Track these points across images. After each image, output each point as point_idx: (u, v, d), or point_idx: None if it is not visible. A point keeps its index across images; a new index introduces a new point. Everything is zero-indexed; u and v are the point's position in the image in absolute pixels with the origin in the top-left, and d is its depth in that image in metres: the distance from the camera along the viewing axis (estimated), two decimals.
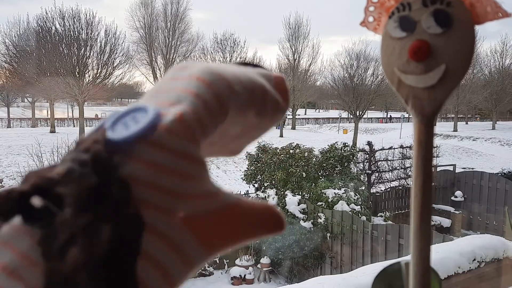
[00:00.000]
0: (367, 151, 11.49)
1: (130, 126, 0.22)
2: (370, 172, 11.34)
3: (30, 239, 0.19)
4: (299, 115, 50.90)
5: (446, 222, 10.53)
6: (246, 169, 10.55)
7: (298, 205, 8.07)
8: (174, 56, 49.55)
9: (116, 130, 0.22)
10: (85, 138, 0.23)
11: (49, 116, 33.96)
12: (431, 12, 0.34)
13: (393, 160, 11.84)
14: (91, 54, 26.03)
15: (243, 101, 0.25)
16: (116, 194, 0.20)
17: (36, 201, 0.20)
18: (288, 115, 41.46)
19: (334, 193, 8.35)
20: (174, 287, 0.21)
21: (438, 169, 11.81)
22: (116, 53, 27.21)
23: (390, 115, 51.86)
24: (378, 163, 11.60)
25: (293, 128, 40.46)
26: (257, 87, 0.26)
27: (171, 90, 0.24)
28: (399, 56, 0.35)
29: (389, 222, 8.92)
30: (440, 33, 0.33)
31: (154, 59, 49.73)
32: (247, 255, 8.03)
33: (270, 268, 8.00)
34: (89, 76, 26.13)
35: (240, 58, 38.14)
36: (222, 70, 0.25)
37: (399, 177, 11.75)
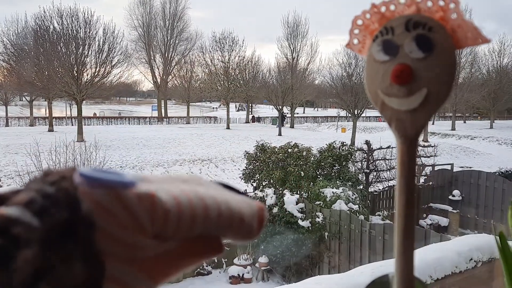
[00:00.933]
0: (365, 150, 11.51)
1: (105, 175, 0.23)
2: (368, 171, 11.36)
3: None
4: (297, 113, 50.91)
5: (443, 221, 10.57)
6: (245, 168, 10.56)
7: (296, 204, 8.08)
8: (173, 54, 49.57)
9: (89, 171, 0.23)
10: (53, 171, 0.24)
11: (47, 115, 33.92)
12: (413, 37, 0.34)
13: (391, 159, 11.85)
14: (90, 52, 26.00)
15: (215, 227, 0.26)
16: (83, 233, 0.21)
17: None
18: (287, 113, 41.50)
19: (332, 192, 8.37)
20: None
21: (436, 168, 11.84)
22: (114, 52, 27.18)
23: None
24: (376, 162, 11.62)
25: (292, 126, 40.48)
26: (235, 217, 0.27)
27: (158, 182, 0.26)
28: (382, 79, 0.35)
29: (387, 221, 8.95)
30: (422, 57, 0.34)
31: (152, 58, 49.78)
32: (245, 254, 8.04)
33: (268, 267, 8.02)
34: (87, 75, 26.10)
35: (239, 57, 38.10)
36: (209, 196, 0.27)
37: None
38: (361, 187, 10.04)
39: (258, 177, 9.91)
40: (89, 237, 0.21)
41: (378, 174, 11.62)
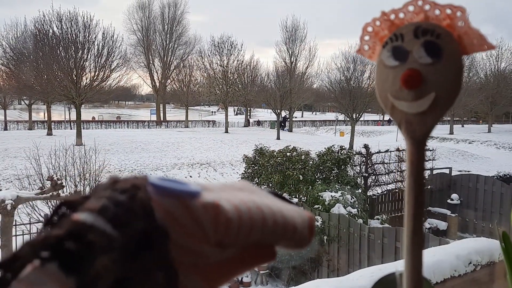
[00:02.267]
0: (363, 154, 11.52)
1: (172, 184, 0.25)
2: (366, 175, 11.37)
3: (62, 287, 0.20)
4: (296, 117, 50.96)
5: (442, 225, 10.58)
6: (243, 171, 10.57)
7: None
8: (172, 58, 49.68)
9: (159, 180, 0.25)
10: (122, 179, 0.25)
11: (46, 119, 33.89)
12: (422, 43, 0.36)
13: (389, 163, 11.88)
14: (89, 56, 25.98)
15: (270, 235, 0.28)
16: (160, 242, 0.22)
17: (72, 246, 0.21)
18: (285, 117, 41.52)
19: (331, 196, 8.37)
20: None
21: (434, 172, 11.85)
22: (113, 56, 27.16)
23: (390, 118, 51.95)
24: (375, 166, 11.63)
25: (290, 130, 40.52)
26: (289, 226, 0.28)
27: (218, 191, 0.28)
28: (392, 83, 0.37)
29: (386, 225, 8.95)
30: (430, 63, 0.36)
31: (151, 62, 49.85)
32: None
33: (268, 271, 8.01)
34: (86, 79, 26.07)
35: (238, 61, 38.15)
36: (265, 205, 0.28)
37: (395, 180, 11.79)
38: (360, 190, 10.04)
39: (257, 181, 9.91)
40: (165, 247, 0.22)
41: (376, 178, 11.63)
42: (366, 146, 11.60)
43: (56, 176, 7.29)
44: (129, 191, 0.23)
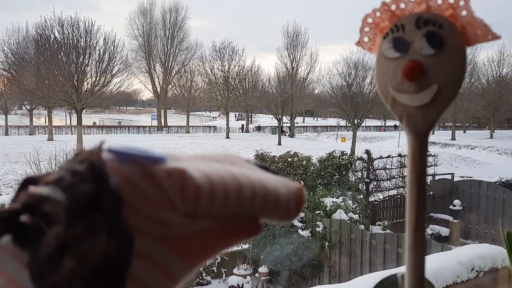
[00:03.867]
0: (365, 160, 11.50)
1: (134, 151, 0.23)
2: (368, 180, 11.34)
3: (18, 262, 0.20)
4: (297, 123, 50.99)
5: (444, 231, 10.53)
6: None
7: None
8: (173, 64, 49.85)
9: (118, 147, 0.23)
10: (83, 150, 0.24)
11: (47, 124, 33.95)
12: (424, 34, 0.35)
13: (391, 168, 11.84)
14: (90, 62, 26.05)
15: (249, 206, 0.26)
16: (110, 205, 0.21)
17: (26, 219, 0.20)
18: (286, 123, 41.54)
19: (332, 201, 8.34)
20: None
21: (436, 177, 11.82)
22: (114, 61, 27.24)
23: (395, 124, 52.01)
24: (376, 172, 11.59)
25: (292, 136, 40.52)
26: (270, 196, 0.26)
27: (189, 161, 0.25)
28: (393, 75, 0.36)
29: (388, 231, 8.92)
30: (432, 54, 0.34)
31: (152, 67, 50.04)
32: (245, 264, 8.00)
33: (268, 277, 7.96)
34: (87, 84, 26.13)
35: (239, 66, 38.25)
36: (242, 175, 0.26)
37: (397, 185, 11.75)
38: (361, 196, 10.01)
39: None
40: (116, 210, 0.21)
41: (378, 183, 11.59)
42: (367, 152, 11.58)
43: None
44: (86, 160, 0.22)
